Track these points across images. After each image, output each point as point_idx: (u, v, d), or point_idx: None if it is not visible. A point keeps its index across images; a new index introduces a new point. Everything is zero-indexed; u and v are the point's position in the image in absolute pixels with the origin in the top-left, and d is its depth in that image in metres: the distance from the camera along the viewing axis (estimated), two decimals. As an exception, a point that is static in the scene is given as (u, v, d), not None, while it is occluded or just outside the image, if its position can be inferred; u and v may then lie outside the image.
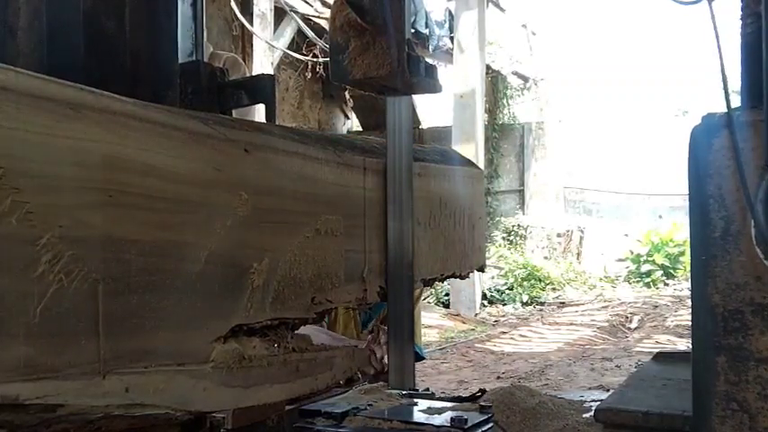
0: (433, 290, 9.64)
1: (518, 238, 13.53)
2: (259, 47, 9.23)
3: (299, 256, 1.50)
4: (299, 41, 11.29)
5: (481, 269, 2.13)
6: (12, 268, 0.98)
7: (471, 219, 2.09)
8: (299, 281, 1.50)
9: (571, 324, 9.14)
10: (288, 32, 10.58)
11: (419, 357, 3.37)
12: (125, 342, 1.14)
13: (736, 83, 1.68)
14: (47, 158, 1.03)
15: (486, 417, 1.50)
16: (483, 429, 1.48)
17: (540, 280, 11.64)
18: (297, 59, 11.60)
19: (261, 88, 1.67)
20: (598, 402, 2.18)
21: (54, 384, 1.03)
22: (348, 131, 15.20)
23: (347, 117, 15.97)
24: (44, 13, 1.31)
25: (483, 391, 1.95)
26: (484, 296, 10.61)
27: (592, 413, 2.12)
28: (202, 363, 1.27)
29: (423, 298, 3.27)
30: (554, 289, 11.68)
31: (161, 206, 1.20)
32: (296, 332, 1.55)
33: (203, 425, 1.38)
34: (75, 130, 1.07)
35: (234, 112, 2.99)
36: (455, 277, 2.01)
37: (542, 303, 10.87)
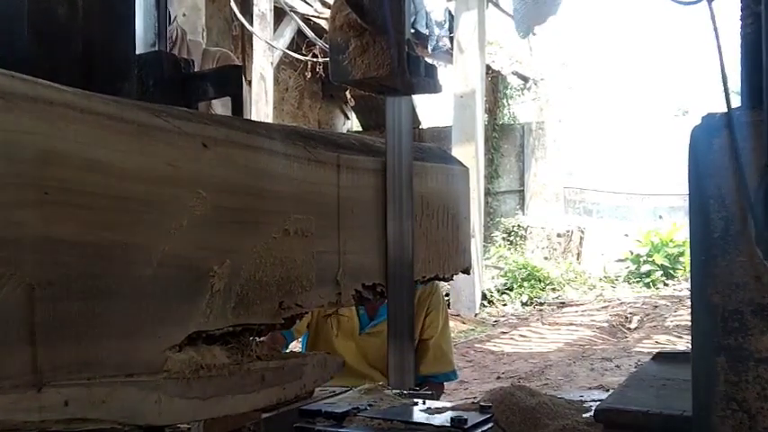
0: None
1: (518, 239, 13.50)
2: (259, 47, 9.25)
3: (266, 257, 1.40)
4: (298, 41, 11.28)
5: (466, 271, 2.04)
6: (-70, 273, 0.90)
7: (456, 219, 2.00)
8: (264, 284, 1.40)
9: (571, 324, 9.12)
10: (287, 32, 10.59)
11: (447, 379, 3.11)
12: (65, 352, 1.04)
13: (736, 83, 1.66)
14: (-28, 152, 0.95)
15: (486, 417, 1.51)
16: (483, 429, 1.48)
17: (539, 280, 11.62)
18: (296, 59, 11.58)
19: (228, 80, 1.59)
20: (598, 402, 2.16)
21: (-20, 399, 0.94)
22: (348, 131, 15.18)
23: (347, 117, 15.95)
24: (-16, -6, 1.23)
25: None
26: (484, 296, 10.57)
27: (592, 413, 2.10)
28: (154, 373, 1.17)
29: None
30: (554, 289, 11.65)
31: (106, 204, 1.10)
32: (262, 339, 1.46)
33: (161, 438, 1.28)
34: (6, 121, 0.98)
35: (214, 106, 2.92)
36: (437, 279, 1.92)
37: (542, 303, 10.86)
